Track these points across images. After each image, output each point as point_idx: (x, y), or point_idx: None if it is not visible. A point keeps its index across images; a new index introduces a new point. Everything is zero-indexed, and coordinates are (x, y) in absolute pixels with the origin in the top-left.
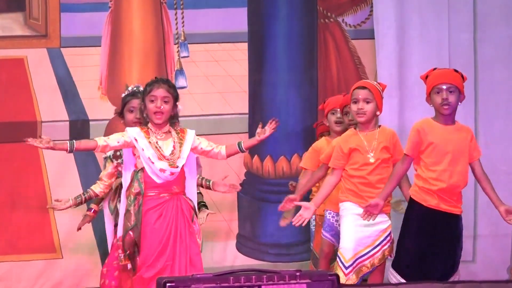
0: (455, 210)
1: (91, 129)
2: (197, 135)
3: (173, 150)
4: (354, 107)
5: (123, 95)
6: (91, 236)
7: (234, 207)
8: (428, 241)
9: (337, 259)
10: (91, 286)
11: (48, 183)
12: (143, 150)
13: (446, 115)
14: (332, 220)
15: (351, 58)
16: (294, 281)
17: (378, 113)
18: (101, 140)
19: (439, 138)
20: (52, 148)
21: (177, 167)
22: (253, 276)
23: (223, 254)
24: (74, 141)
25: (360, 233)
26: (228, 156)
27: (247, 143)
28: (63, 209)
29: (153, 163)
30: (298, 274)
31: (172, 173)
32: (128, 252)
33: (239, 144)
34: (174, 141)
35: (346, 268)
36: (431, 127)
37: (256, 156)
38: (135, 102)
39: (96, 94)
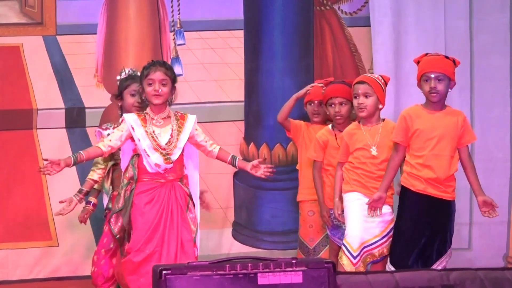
0: (445, 195)
1: (87, 116)
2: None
3: (170, 139)
4: (355, 102)
5: (118, 77)
6: (87, 224)
7: (230, 195)
8: (419, 225)
9: (343, 247)
10: (87, 274)
11: None
12: (139, 140)
13: (434, 102)
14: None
15: (347, 45)
16: (290, 269)
17: (380, 106)
18: (104, 146)
19: (425, 124)
20: (61, 168)
21: (171, 163)
22: (249, 264)
23: (219, 241)
24: (78, 154)
25: (366, 222)
26: (218, 159)
27: (241, 164)
28: (71, 211)
29: (148, 156)
30: (294, 261)
31: (165, 169)
32: (118, 236)
33: (234, 158)
34: (172, 129)
35: (354, 257)
36: (418, 114)
37: (252, 143)
38: (136, 86)
39: (92, 82)
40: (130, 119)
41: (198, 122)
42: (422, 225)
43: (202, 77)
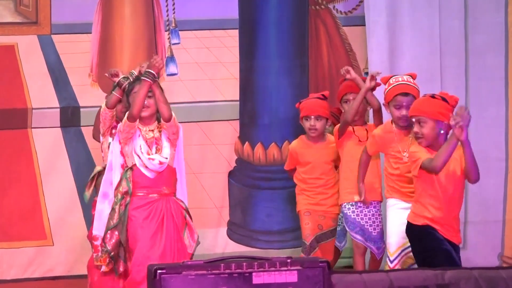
0: (455, 239)
1: (81, 116)
2: (187, 122)
3: (157, 147)
4: (397, 113)
5: (122, 79)
6: (82, 223)
7: (225, 194)
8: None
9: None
10: (82, 273)
11: (39, 170)
12: (139, 136)
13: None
14: (353, 215)
15: (342, 44)
16: (285, 268)
17: None
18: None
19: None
20: None
21: (166, 158)
22: (244, 263)
23: (214, 241)
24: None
25: (404, 226)
26: None
27: None
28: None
29: (142, 153)
30: (289, 261)
31: (161, 163)
32: (112, 253)
33: None
34: (155, 137)
35: (391, 261)
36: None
37: (247, 143)
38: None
39: (87, 81)
40: None
41: (193, 122)
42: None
43: (197, 76)
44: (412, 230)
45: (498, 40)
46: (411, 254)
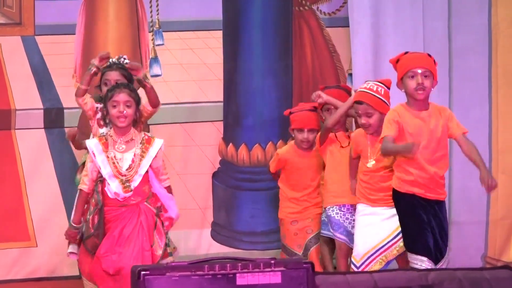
0: (440, 196)
1: (65, 117)
2: (171, 123)
3: (131, 165)
4: (359, 120)
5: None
6: (65, 225)
7: (208, 195)
8: (423, 221)
9: (352, 265)
10: (65, 275)
11: (23, 171)
12: (100, 168)
13: (419, 100)
14: (337, 216)
15: (326, 46)
16: (269, 269)
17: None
18: (86, 185)
19: (412, 126)
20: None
21: (131, 191)
22: (228, 264)
23: (197, 242)
24: (79, 225)
25: (370, 232)
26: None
27: None
28: None
29: (108, 184)
30: (273, 262)
31: (124, 198)
32: (93, 252)
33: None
34: (135, 154)
35: (358, 268)
36: (403, 115)
37: (231, 144)
38: (110, 75)
39: (71, 82)
40: (92, 144)
41: (176, 123)
42: (423, 220)
43: (181, 78)
44: (397, 198)
45: (482, 41)
46: (388, 251)
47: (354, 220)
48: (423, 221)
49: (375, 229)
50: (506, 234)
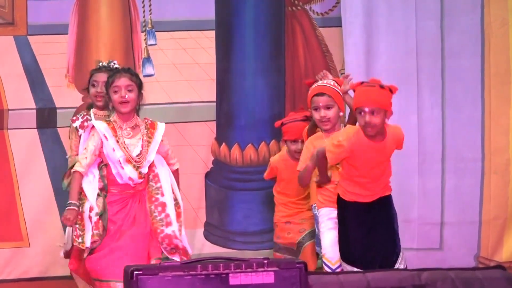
0: (384, 193)
1: (58, 117)
2: (164, 123)
3: (141, 151)
4: (316, 115)
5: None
6: (58, 225)
7: (201, 195)
8: (365, 231)
9: (323, 265)
10: (58, 275)
11: (15, 171)
12: (113, 151)
13: (372, 136)
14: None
15: (319, 46)
16: (262, 269)
17: (341, 114)
18: (83, 167)
19: (365, 154)
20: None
21: (143, 177)
22: (221, 264)
23: (190, 242)
24: (74, 202)
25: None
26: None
27: None
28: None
29: (122, 168)
30: (265, 262)
31: (137, 183)
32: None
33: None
34: (142, 139)
35: (333, 270)
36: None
37: (223, 144)
38: (98, 76)
39: (63, 82)
40: (102, 127)
41: (169, 123)
42: (366, 229)
43: (174, 77)
44: (339, 201)
45: (474, 41)
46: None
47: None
48: (363, 230)
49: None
50: (498, 234)
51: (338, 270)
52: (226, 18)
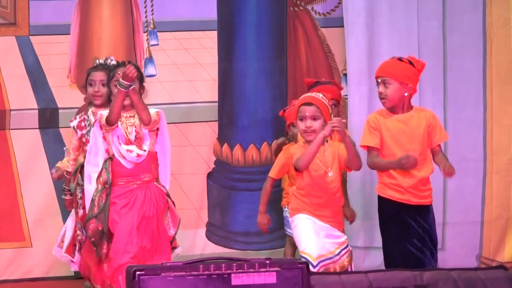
0: (424, 201)
1: (60, 117)
2: (166, 123)
3: (137, 135)
4: (301, 125)
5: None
6: (60, 225)
7: (203, 196)
8: (409, 234)
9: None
10: (60, 275)
11: (17, 171)
12: (123, 135)
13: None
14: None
15: (321, 46)
16: (264, 269)
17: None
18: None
19: (391, 129)
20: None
21: (144, 150)
22: (223, 264)
23: (192, 242)
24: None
25: (315, 238)
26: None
27: None
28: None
29: (120, 144)
30: (268, 262)
31: (138, 155)
32: (93, 239)
33: None
34: (135, 125)
35: (314, 267)
36: (383, 119)
37: (225, 144)
38: (95, 75)
39: (65, 82)
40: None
41: (171, 123)
42: (409, 232)
43: (176, 78)
44: (380, 204)
45: (476, 41)
46: (331, 265)
47: None
48: (406, 230)
49: (320, 240)
50: (500, 234)
51: (319, 266)
52: (228, 18)
